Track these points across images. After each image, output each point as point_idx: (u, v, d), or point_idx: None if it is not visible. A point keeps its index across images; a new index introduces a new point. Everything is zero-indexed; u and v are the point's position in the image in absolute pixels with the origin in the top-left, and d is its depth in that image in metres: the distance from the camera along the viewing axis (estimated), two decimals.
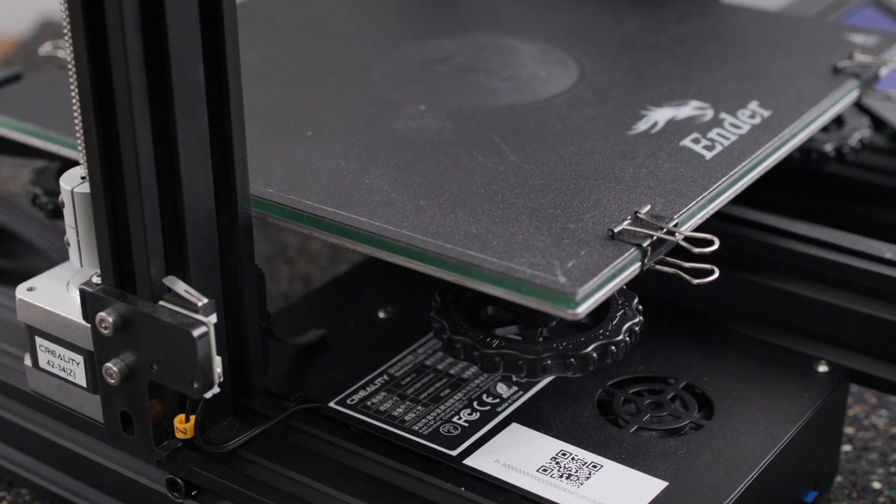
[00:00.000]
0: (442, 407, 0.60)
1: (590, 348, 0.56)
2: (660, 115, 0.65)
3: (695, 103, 0.66)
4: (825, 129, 0.76)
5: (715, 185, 0.58)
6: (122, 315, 0.54)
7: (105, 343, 0.55)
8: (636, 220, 0.55)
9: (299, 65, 0.74)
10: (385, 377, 0.63)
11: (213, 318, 0.53)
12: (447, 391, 0.61)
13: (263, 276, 0.60)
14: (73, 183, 0.56)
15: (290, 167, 0.61)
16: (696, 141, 0.63)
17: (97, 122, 0.52)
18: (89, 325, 0.56)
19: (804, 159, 0.74)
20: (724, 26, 0.79)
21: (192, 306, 0.53)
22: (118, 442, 0.58)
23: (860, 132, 0.76)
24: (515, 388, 0.61)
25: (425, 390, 0.61)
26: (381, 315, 0.68)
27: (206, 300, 0.53)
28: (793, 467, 0.61)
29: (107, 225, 0.54)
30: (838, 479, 0.70)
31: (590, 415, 0.60)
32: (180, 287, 0.54)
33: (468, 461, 0.57)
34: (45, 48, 0.74)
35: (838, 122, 0.77)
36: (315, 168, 0.61)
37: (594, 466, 0.56)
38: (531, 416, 0.60)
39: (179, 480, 0.58)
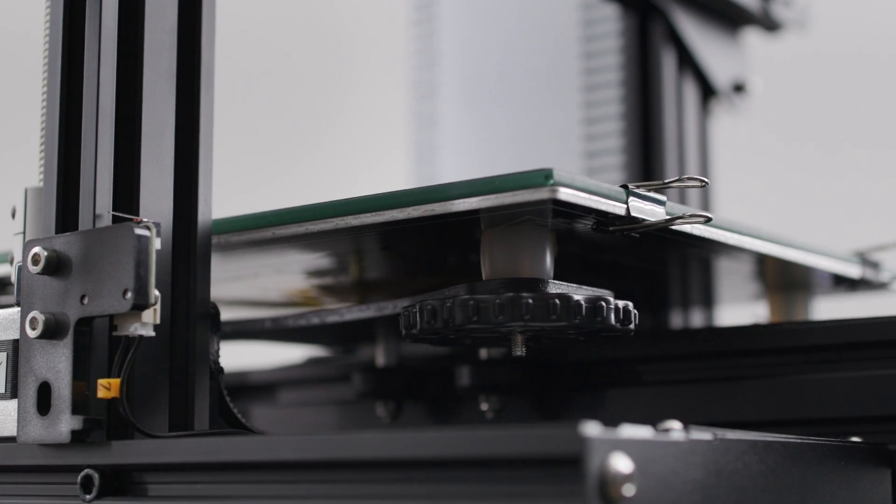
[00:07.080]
0: None
1: (579, 296, 0.50)
2: None
3: None
4: None
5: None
6: (58, 250, 0.49)
7: (33, 285, 0.49)
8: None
9: None
10: None
11: (157, 242, 0.48)
12: None
13: (219, 313, 0.54)
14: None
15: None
16: None
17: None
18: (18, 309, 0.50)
19: None
20: None
21: (136, 221, 0.49)
22: (28, 430, 0.49)
23: None
24: None
25: None
26: None
27: (153, 221, 0.49)
28: None
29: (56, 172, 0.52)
30: None
31: None
32: (126, 215, 0.50)
33: None
34: None
35: None
36: None
37: None
38: None
39: (95, 474, 0.48)
